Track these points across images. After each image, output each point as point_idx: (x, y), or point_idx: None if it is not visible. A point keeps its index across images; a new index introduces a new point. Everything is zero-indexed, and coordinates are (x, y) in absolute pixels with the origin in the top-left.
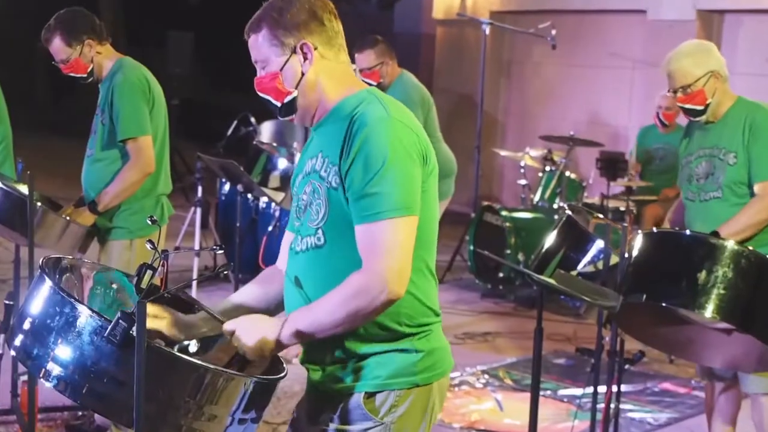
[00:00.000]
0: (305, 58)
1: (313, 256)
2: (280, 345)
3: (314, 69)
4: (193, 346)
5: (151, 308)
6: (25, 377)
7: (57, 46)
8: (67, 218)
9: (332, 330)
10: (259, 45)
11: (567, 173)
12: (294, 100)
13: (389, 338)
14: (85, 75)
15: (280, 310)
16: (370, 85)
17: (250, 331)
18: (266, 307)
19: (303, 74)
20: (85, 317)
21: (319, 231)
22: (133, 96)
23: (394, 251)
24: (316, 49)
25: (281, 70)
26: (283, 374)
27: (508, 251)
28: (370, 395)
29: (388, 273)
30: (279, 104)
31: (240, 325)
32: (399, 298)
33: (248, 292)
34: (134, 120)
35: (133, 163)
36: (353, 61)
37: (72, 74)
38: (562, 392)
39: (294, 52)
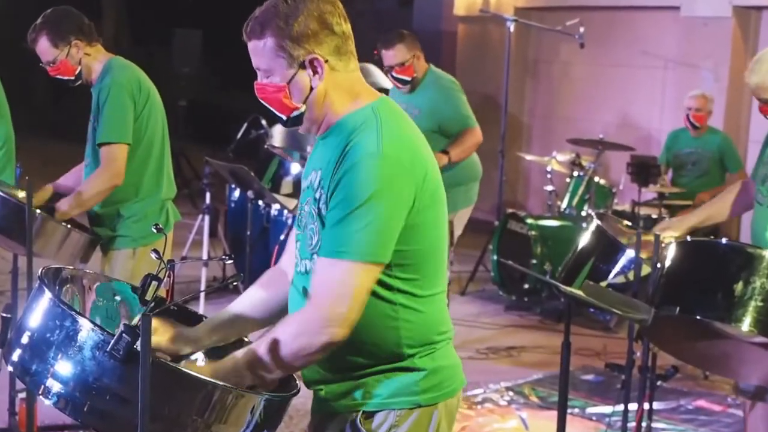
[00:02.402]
0: (315, 73)
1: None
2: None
3: (324, 83)
4: (200, 361)
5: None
6: (23, 394)
7: (43, 47)
8: (68, 226)
9: (280, 370)
10: (263, 53)
11: (596, 179)
12: (301, 114)
13: (390, 357)
14: (73, 78)
15: (280, 318)
16: (404, 81)
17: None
18: (267, 315)
19: (312, 89)
20: (86, 331)
21: (315, 256)
22: (117, 99)
23: (345, 296)
24: (326, 62)
25: (288, 83)
26: (295, 391)
27: (534, 261)
28: (368, 415)
29: (332, 316)
30: (284, 117)
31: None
32: (340, 341)
33: (251, 298)
34: (113, 125)
35: (101, 171)
36: (380, 59)
37: (59, 77)
38: (590, 410)
39: (303, 66)
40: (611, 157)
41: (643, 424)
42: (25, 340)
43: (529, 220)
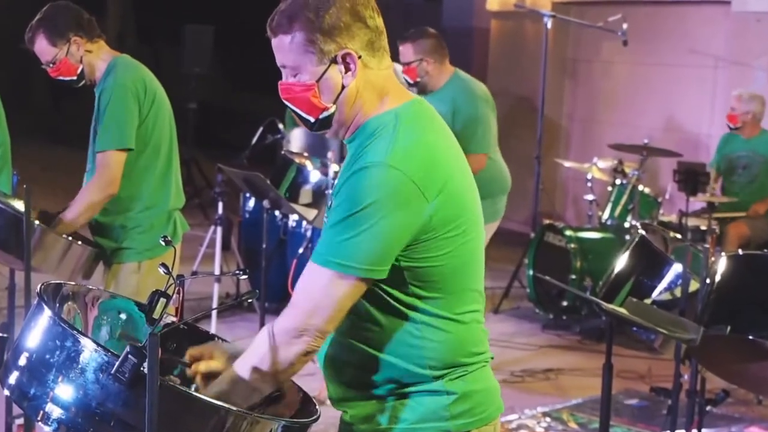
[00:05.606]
0: (347, 69)
1: None
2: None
3: (356, 81)
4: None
5: (199, 349)
6: (20, 420)
7: (41, 47)
8: (70, 238)
9: (267, 384)
10: (290, 49)
11: (640, 187)
12: (330, 115)
13: (413, 377)
14: (75, 78)
15: None
16: (408, 83)
17: None
18: None
19: (343, 87)
20: (89, 352)
21: None
22: (119, 102)
23: (324, 308)
24: (360, 58)
25: (318, 81)
26: (315, 417)
27: (573, 276)
28: None
29: (306, 326)
30: (312, 119)
31: None
32: (315, 352)
33: None
34: (111, 130)
35: (94, 181)
36: (398, 54)
37: (61, 78)
38: None
39: (334, 61)
40: (657, 163)
41: None
42: (22, 361)
43: (568, 232)
